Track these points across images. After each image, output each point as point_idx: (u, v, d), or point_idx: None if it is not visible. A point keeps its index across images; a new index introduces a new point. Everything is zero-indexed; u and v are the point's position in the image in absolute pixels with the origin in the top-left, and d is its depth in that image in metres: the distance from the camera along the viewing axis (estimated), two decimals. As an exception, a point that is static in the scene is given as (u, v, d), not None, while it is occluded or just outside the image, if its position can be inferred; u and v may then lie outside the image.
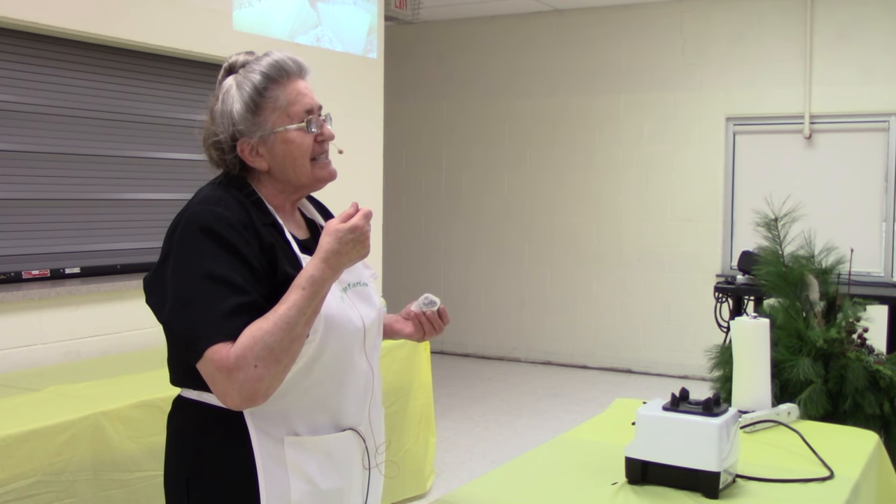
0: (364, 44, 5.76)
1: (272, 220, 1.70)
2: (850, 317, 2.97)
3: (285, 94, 1.69)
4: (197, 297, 1.55)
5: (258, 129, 1.69)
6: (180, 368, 1.66)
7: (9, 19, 3.75)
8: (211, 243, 1.58)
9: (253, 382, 1.51)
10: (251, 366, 1.51)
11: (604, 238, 7.98)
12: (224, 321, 1.53)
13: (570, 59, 8.03)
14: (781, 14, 7.20)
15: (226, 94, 1.71)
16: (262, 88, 1.68)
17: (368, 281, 1.84)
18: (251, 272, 1.58)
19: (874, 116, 6.96)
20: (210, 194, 1.68)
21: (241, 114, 1.68)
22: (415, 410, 4.32)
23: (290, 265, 1.64)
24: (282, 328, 1.52)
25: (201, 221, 1.60)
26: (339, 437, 1.70)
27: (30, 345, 3.78)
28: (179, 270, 1.59)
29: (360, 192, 5.65)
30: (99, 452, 2.73)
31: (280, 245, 1.66)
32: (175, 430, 1.72)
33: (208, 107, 1.75)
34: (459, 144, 8.59)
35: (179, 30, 4.47)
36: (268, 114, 1.69)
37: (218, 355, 1.51)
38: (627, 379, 7.61)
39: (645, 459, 2.01)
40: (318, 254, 1.58)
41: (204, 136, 1.75)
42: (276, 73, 1.69)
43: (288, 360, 1.55)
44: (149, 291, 1.68)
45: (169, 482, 1.72)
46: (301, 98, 1.71)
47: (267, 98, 1.68)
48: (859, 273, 3.60)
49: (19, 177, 3.95)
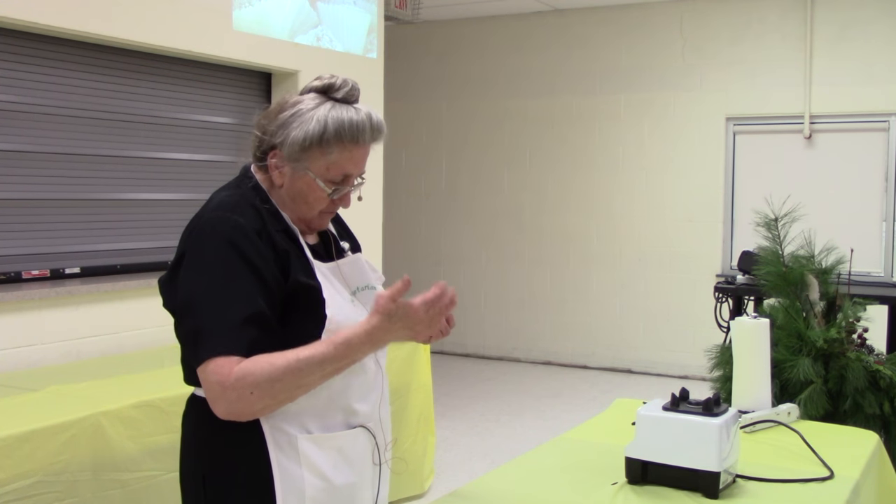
0: (364, 43, 5.76)
1: (285, 226, 1.71)
2: (850, 317, 2.97)
3: (339, 155, 1.68)
4: (206, 305, 1.57)
5: (295, 160, 1.68)
6: (193, 369, 1.67)
7: (9, 19, 3.75)
8: (225, 252, 1.59)
9: (242, 405, 1.54)
10: (247, 391, 1.53)
11: (604, 238, 7.98)
12: (230, 332, 1.55)
13: (570, 58, 8.03)
14: (781, 14, 7.20)
15: (299, 113, 1.68)
16: (326, 140, 1.67)
17: (376, 284, 1.87)
18: (263, 284, 1.59)
19: (874, 116, 6.96)
20: (226, 200, 1.68)
21: (293, 141, 1.67)
22: (414, 410, 4.32)
23: (303, 272, 1.66)
24: (293, 373, 1.54)
25: (217, 229, 1.61)
26: (350, 434, 1.72)
27: (30, 345, 3.78)
28: (192, 276, 1.61)
29: (360, 192, 5.65)
30: (99, 452, 2.73)
31: (294, 251, 1.68)
32: (190, 428, 1.74)
33: (279, 101, 1.73)
34: (459, 144, 8.59)
35: (179, 30, 4.47)
36: (314, 157, 1.68)
37: (219, 369, 1.53)
38: (627, 379, 7.61)
39: (645, 459, 2.01)
40: (365, 325, 1.56)
41: (257, 122, 1.74)
42: (349, 137, 1.67)
43: (286, 399, 1.57)
44: (165, 295, 1.70)
45: (185, 479, 1.74)
46: (348, 165, 1.70)
47: (323, 148, 1.67)
48: (859, 273, 3.60)
49: (19, 177, 3.95)
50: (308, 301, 1.65)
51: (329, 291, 1.68)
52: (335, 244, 1.85)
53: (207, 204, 1.70)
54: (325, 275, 1.71)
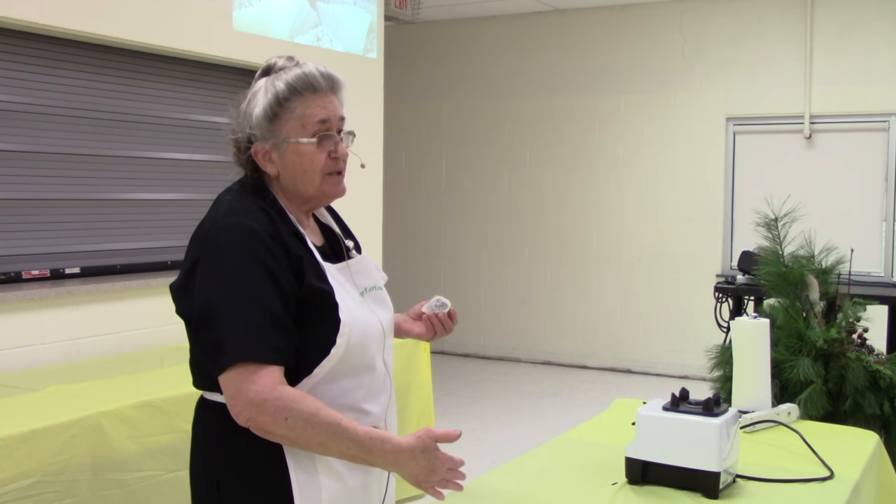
0: (364, 43, 5.76)
1: (294, 229, 1.70)
2: (850, 317, 2.96)
3: (304, 106, 1.68)
4: (227, 313, 1.56)
5: (272, 136, 1.68)
6: (204, 373, 1.67)
7: (9, 19, 3.75)
8: (241, 258, 1.58)
9: (267, 420, 1.55)
10: (282, 415, 1.54)
11: (604, 238, 7.98)
12: (254, 338, 1.55)
13: (570, 59, 8.03)
14: (781, 14, 7.20)
15: (253, 96, 1.71)
16: (283, 98, 1.68)
17: (381, 284, 1.87)
18: (280, 289, 1.59)
19: (874, 116, 6.96)
20: (236, 205, 1.66)
21: (258, 118, 1.68)
22: (414, 410, 4.33)
23: (315, 277, 1.65)
24: (328, 430, 1.57)
25: (232, 236, 1.60)
26: None
27: (30, 345, 3.78)
28: (210, 284, 1.59)
29: (361, 192, 5.65)
30: (99, 452, 2.73)
31: (306, 256, 1.67)
32: (202, 432, 1.73)
33: (237, 103, 1.75)
34: (459, 144, 8.58)
35: (179, 29, 4.47)
36: (283, 122, 1.68)
37: (261, 380, 1.53)
38: (627, 379, 7.61)
39: (645, 459, 2.00)
40: (402, 442, 1.67)
41: (229, 130, 1.75)
42: (301, 85, 1.69)
43: (298, 443, 1.59)
44: (178, 302, 1.68)
45: (197, 484, 1.73)
46: (319, 111, 1.70)
47: (286, 108, 1.68)
48: (859, 273, 3.60)
49: (19, 177, 3.95)
50: (321, 305, 1.64)
51: (341, 295, 1.67)
52: (342, 244, 1.84)
53: (216, 209, 1.68)
54: (335, 277, 1.70)
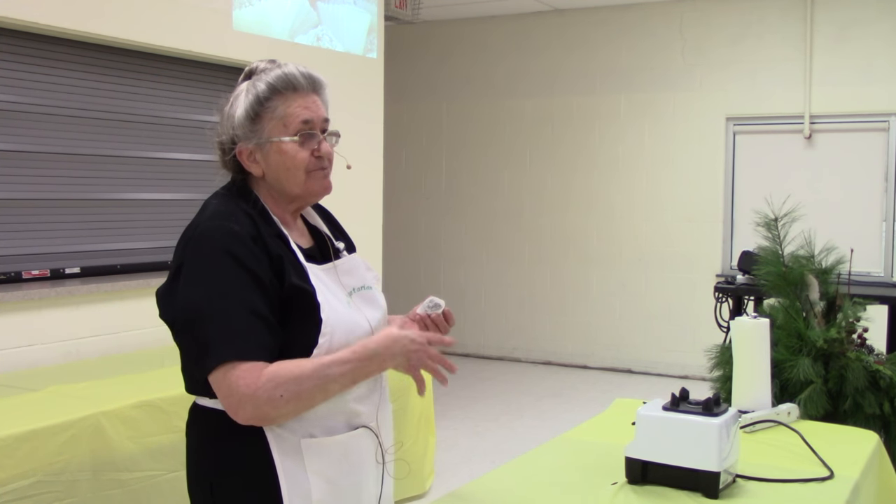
0: (364, 43, 5.76)
1: (277, 230, 1.71)
2: (850, 317, 2.96)
3: (285, 106, 1.70)
4: (210, 314, 1.58)
5: (255, 136, 1.70)
6: (195, 377, 1.68)
7: (9, 19, 3.75)
8: (223, 260, 1.60)
9: (270, 407, 1.56)
10: (277, 392, 1.56)
11: (604, 238, 7.98)
12: (239, 338, 1.56)
13: (570, 59, 8.03)
14: (781, 14, 7.20)
15: (235, 98, 1.73)
16: (263, 98, 1.70)
17: (372, 284, 1.87)
18: (263, 289, 1.61)
19: (874, 116, 6.96)
20: (220, 209, 1.68)
21: (240, 119, 1.70)
22: (415, 410, 4.32)
23: (297, 276, 1.66)
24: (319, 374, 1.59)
25: (213, 238, 1.62)
26: (353, 435, 1.74)
27: (30, 345, 3.78)
28: (192, 287, 1.61)
29: (361, 192, 5.65)
30: (99, 452, 2.73)
31: (287, 256, 1.68)
32: (195, 438, 1.75)
33: (220, 107, 1.77)
34: (459, 144, 8.58)
35: (179, 30, 4.47)
36: (265, 122, 1.70)
37: (246, 374, 1.55)
38: (627, 379, 7.60)
39: (645, 459, 2.00)
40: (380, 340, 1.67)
41: (215, 135, 1.77)
42: (281, 85, 1.70)
43: (308, 403, 1.61)
44: (162, 306, 1.70)
45: (193, 487, 1.75)
46: (302, 111, 1.71)
47: (267, 108, 1.70)
48: (859, 273, 3.60)
49: (19, 177, 3.95)
50: (303, 305, 1.65)
51: (324, 295, 1.68)
52: (331, 245, 1.85)
53: (202, 213, 1.70)
54: (319, 278, 1.71)
